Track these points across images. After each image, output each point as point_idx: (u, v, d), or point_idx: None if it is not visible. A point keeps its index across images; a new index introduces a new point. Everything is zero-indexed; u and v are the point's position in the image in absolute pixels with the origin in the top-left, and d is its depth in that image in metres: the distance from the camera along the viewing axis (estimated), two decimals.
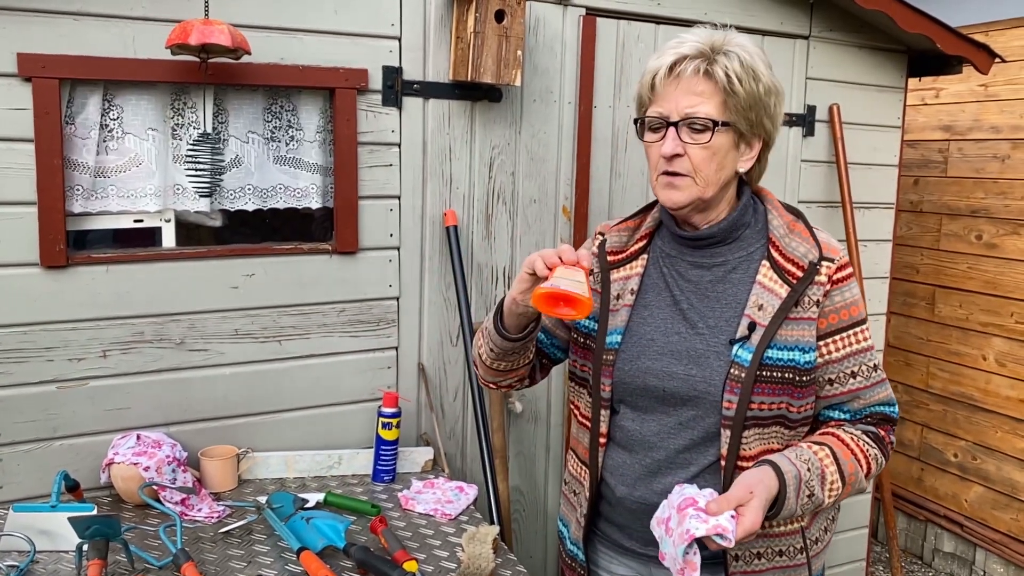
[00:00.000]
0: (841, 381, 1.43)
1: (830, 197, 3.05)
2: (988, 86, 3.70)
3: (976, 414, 3.77)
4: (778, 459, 1.34)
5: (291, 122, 2.23)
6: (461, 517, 2.00)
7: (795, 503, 1.33)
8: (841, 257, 1.44)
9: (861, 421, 1.47)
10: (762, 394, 1.38)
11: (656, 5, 2.61)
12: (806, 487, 1.34)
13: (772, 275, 1.42)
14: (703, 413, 1.41)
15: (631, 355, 1.46)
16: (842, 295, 1.42)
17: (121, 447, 1.97)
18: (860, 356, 1.43)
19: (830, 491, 1.37)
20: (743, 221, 1.46)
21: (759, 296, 1.41)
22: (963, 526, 3.81)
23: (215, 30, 1.79)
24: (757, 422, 1.39)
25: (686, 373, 1.41)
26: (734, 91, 1.35)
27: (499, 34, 2.24)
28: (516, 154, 2.49)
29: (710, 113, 1.36)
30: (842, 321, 1.42)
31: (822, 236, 1.46)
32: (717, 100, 1.36)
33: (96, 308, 2.02)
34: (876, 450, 1.45)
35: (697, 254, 1.47)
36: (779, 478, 1.31)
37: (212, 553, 1.75)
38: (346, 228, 2.26)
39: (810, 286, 1.40)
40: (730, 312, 1.42)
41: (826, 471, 1.37)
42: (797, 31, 2.87)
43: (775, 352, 1.38)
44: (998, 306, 3.66)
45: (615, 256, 1.55)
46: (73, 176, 2.00)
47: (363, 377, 2.34)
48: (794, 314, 1.39)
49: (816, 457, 1.37)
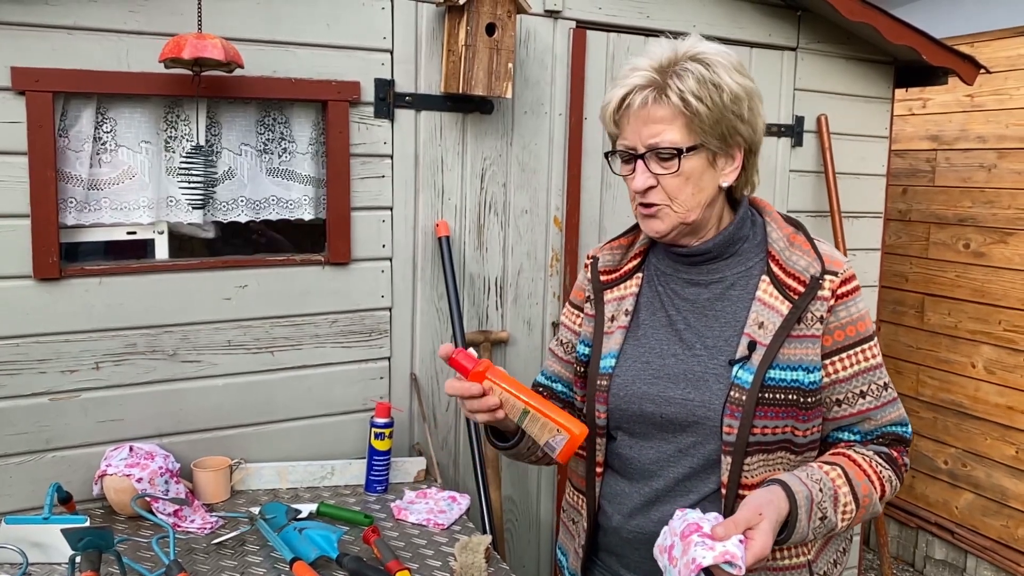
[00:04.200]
0: (850, 401, 1.35)
1: (819, 207, 3.08)
2: (974, 96, 3.74)
3: (966, 421, 3.80)
4: (788, 478, 1.26)
5: (284, 134, 2.25)
6: (454, 527, 2.00)
7: (807, 526, 1.24)
8: (845, 270, 1.35)
9: (873, 442, 1.38)
10: (765, 417, 1.30)
11: (645, 18, 2.64)
12: (818, 509, 1.25)
13: (773, 291, 1.34)
14: (703, 439, 1.33)
15: (626, 380, 1.39)
16: (847, 310, 1.34)
17: (114, 459, 1.97)
18: (869, 374, 1.35)
19: (843, 514, 1.28)
20: (740, 235, 1.39)
21: (759, 313, 1.33)
22: (954, 533, 3.83)
23: (208, 44, 1.81)
24: (761, 447, 1.31)
25: (683, 397, 1.34)
26: (694, 112, 1.27)
27: (490, 47, 2.26)
28: (507, 165, 2.51)
29: (674, 140, 1.28)
30: (848, 338, 1.33)
31: (824, 248, 1.38)
32: (679, 123, 1.28)
33: (89, 320, 2.03)
34: (890, 472, 1.36)
35: (693, 271, 1.40)
36: (789, 499, 1.22)
37: (205, 564, 1.75)
38: (338, 239, 2.27)
39: (813, 301, 1.32)
40: (729, 331, 1.35)
41: (839, 492, 1.28)
42: (785, 43, 2.91)
43: (778, 372, 1.30)
44: (986, 314, 3.69)
45: (608, 276, 1.48)
46: (66, 188, 2.01)
47: (355, 388, 2.35)
48: (797, 331, 1.31)
49: (828, 477, 1.28)
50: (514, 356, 2.59)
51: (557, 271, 2.63)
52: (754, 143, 1.36)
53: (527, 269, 2.58)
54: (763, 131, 1.38)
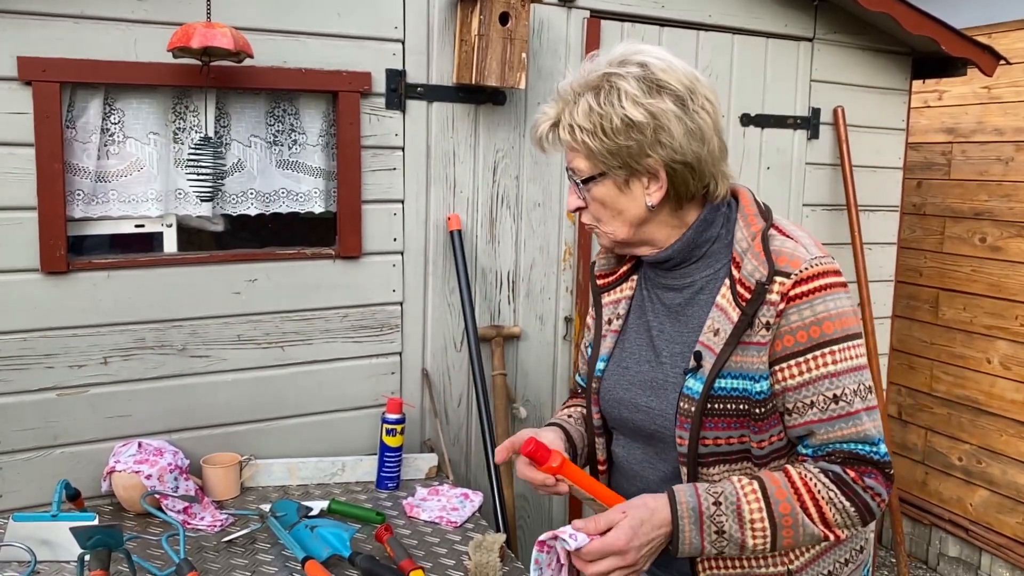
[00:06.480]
0: (800, 411, 1.24)
1: (835, 200, 3.04)
2: (991, 88, 3.69)
3: (981, 417, 3.75)
4: (681, 488, 1.23)
5: (294, 126, 2.21)
6: (467, 524, 1.97)
7: (697, 538, 1.20)
8: (804, 269, 1.22)
9: (824, 458, 1.25)
10: (716, 428, 1.26)
11: (660, 8, 2.59)
12: (711, 522, 1.20)
13: (729, 296, 1.27)
14: (666, 448, 1.33)
15: (609, 385, 1.41)
16: (799, 313, 1.22)
17: (122, 455, 1.95)
18: (819, 384, 1.22)
19: (752, 530, 1.21)
20: (704, 237, 1.32)
21: (715, 320, 1.27)
22: (968, 530, 3.79)
23: (218, 33, 1.77)
24: (719, 458, 1.28)
25: (647, 406, 1.34)
26: (581, 143, 1.24)
27: (503, 37, 2.22)
28: (520, 158, 2.47)
29: (580, 168, 1.28)
30: (799, 344, 1.22)
31: (784, 247, 1.25)
32: (580, 154, 1.27)
33: (97, 314, 2.00)
34: (834, 492, 1.21)
35: (668, 276, 1.36)
36: (673, 508, 1.20)
37: (215, 563, 1.72)
38: (349, 233, 2.24)
39: (760, 307, 1.23)
40: (693, 337, 1.31)
41: (743, 508, 1.21)
42: (802, 33, 2.86)
43: (726, 381, 1.25)
44: (1002, 309, 3.64)
45: (604, 279, 1.49)
46: (74, 181, 1.98)
47: (366, 383, 2.32)
48: (746, 339, 1.24)
49: (737, 491, 1.22)
50: (526, 351, 2.56)
51: (570, 265, 2.60)
52: (680, 160, 1.24)
53: (540, 263, 2.55)
54: (705, 141, 1.25)
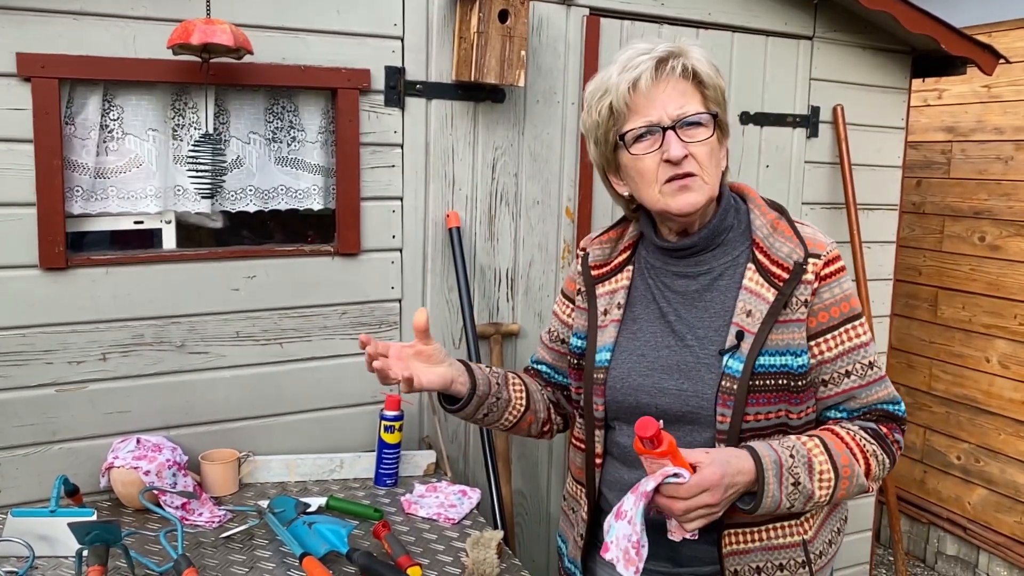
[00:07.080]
0: (836, 381, 1.37)
1: (834, 199, 3.04)
2: (991, 87, 3.69)
3: (979, 416, 3.76)
4: (757, 444, 1.29)
5: (293, 123, 2.21)
6: (464, 521, 1.98)
7: (778, 491, 1.26)
8: (828, 252, 1.37)
9: (860, 418, 1.40)
10: (757, 404, 1.33)
11: (660, 5, 2.59)
12: (789, 474, 1.27)
13: (759, 279, 1.36)
14: (698, 428, 1.36)
15: (621, 372, 1.42)
16: (831, 291, 1.35)
17: (121, 451, 1.95)
18: (854, 354, 1.36)
19: (820, 481, 1.30)
20: (725, 225, 1.40)
21: (747, 302, 1.35)
22: (966, 529, 3.79)
23: (217, 30, 1.77)
24: (755, 433, 1.34)
25: (677, 388, 1.37)
26: (708, 85, 1.34)
27: (503, 34, 2.22)
28: (519, 155, 2.47)
29: (700, 109, 1.33)
30: (832, 319, 1.35)
31: (807, 232, 1.39)
32: (699, 98, 1.34)
33: (96, 310, 2.00)
34: (875, 446, 1.37)
35: (681, 264, 1.42)
36: (756, 461, 1.26)
37: (213, 559, 1.73)
38: (348, 230, 2.24)
39: (798, 286, 1.34)
40: (719, 321, 1.37)
41: (814, 460, 1.30)
42: (801, 32, 2.86)
43: (767, 359, 1.32)
44: (1001, 308, 3.64)
45: (599, 270, 1.51)
46: (73, 177, 1.98)
47: (365, 380, 2.32)
48: (783, 317, 1.34)
49: (803, 445, 1.31)
50: (524, 349, 2.56)
51: (569, 263, 2.60)
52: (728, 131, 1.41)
53: (538, 261, 2.55)
54: None
